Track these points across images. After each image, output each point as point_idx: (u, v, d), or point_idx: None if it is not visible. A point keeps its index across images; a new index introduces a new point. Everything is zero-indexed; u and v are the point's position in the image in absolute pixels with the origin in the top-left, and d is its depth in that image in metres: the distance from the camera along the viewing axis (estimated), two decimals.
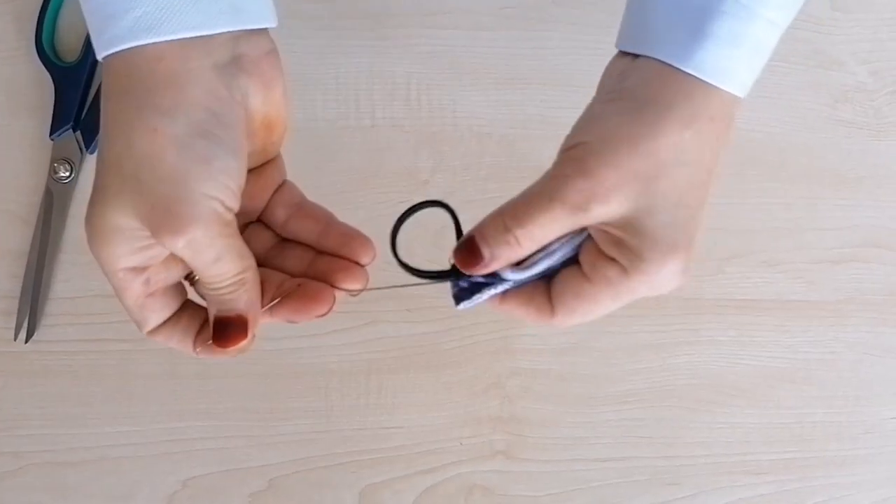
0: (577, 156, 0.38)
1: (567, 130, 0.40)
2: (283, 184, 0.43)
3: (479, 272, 0.40)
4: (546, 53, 0.65)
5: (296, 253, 0.42)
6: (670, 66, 0.37)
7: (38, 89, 0.62)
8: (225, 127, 0.36)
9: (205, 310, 0.40)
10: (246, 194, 0.38)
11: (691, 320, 0.64)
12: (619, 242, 0.38)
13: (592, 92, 0.41)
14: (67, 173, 0.58)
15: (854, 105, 0.67)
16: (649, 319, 0.64)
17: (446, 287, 0.42)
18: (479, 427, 0.62)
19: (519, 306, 0.41)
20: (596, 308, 0.40)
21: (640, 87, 0.38)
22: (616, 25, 0.42)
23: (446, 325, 0.62)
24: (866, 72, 0.67)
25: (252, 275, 0.38)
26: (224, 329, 0.38)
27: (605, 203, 0.37)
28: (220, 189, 0.35)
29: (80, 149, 0.60)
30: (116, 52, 0.35)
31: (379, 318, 0.63)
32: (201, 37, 0.35)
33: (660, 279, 0.38)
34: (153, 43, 0.35)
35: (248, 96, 0.37)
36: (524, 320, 0.41)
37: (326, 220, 0.42)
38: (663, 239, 0.38)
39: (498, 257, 0.39)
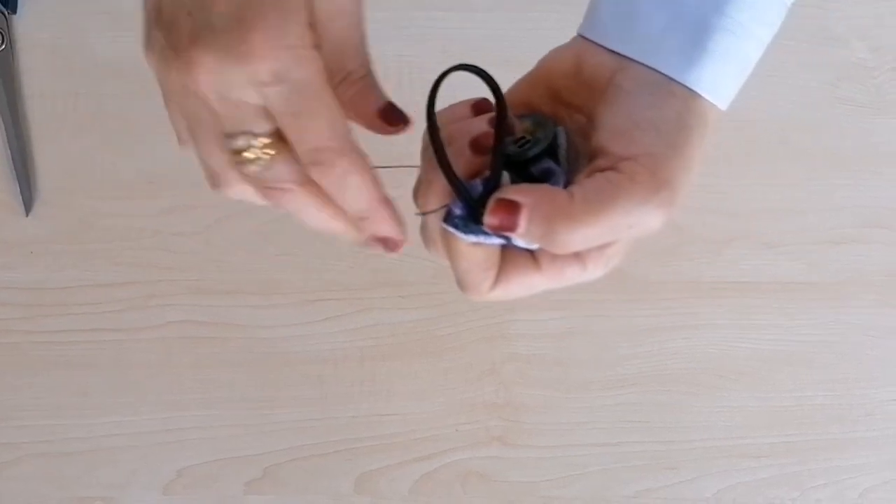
0: (655, 173, 0.35)
1: None
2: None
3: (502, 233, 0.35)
4: (541, 35, 0.64)
5: None
6: (667, 76, 0.36)
7: None
8: None
9: None
10: None
11: (690, 303, 0.64)
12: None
13: None
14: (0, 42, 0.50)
15: (855, 83, 0.66)
16: (647, 303, 0.63)
17: (441, 272, 0.41)
18: (474, 413, 0.62)
19: (482, 258, 0.37)
20: (529, 292, 0.37)
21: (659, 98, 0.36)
22: None
23: (440, 312, 0.62)
24: (867, 48, 0.66)
25: None
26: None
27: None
28: None
29: (2, 13, 0.54)
30: None
31: (372, 304, 0.62)
32: None
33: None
34: None
35: None
36: (466, 271, 0.37)
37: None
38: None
39: (527, 239, 0.35)
